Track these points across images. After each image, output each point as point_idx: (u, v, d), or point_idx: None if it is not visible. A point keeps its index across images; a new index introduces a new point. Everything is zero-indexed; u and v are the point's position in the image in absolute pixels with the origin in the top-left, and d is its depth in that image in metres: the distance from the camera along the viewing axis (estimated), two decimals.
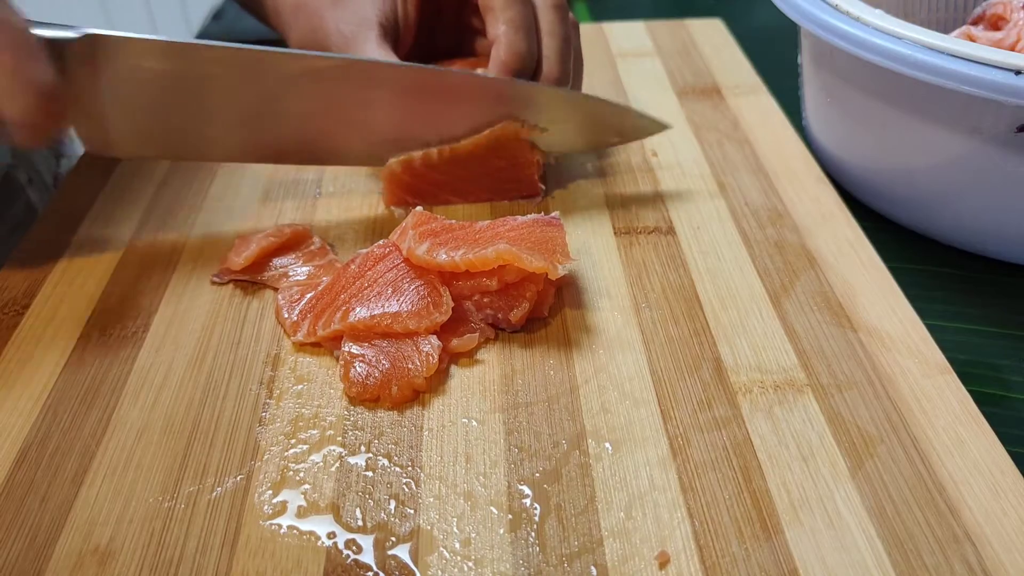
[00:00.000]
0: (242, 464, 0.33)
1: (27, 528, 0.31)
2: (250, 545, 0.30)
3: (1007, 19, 0.48)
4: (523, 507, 0.31)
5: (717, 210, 0.47)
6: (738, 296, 0.41)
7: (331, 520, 0.31)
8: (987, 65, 0.37)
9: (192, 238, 0.46)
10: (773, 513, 0.31)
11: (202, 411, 0.35)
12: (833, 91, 0.49)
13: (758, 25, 0.76)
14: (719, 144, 0.53)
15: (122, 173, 0.51)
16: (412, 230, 0.39)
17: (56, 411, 0.35)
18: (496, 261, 0.36)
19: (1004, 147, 0.40)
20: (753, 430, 0.34)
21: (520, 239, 0.38)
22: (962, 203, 0.44)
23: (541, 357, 0.38)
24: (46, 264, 0.44)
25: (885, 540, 0.30)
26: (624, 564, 0.29)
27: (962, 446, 0.33)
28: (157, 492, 0.32)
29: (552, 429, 0.34)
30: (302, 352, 0.38)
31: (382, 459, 0.33)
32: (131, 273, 0.43)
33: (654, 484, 0.32)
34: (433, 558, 0.30)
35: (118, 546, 0.30)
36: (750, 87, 0.59)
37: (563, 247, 0.38)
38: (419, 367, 0.36)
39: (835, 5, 0.44)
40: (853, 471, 0.32)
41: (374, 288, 0.38)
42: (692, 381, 0.36)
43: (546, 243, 0.38)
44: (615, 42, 0.67)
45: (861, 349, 0.37)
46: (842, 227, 0.45)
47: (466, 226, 0.39)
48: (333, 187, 0.50)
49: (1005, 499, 0.31)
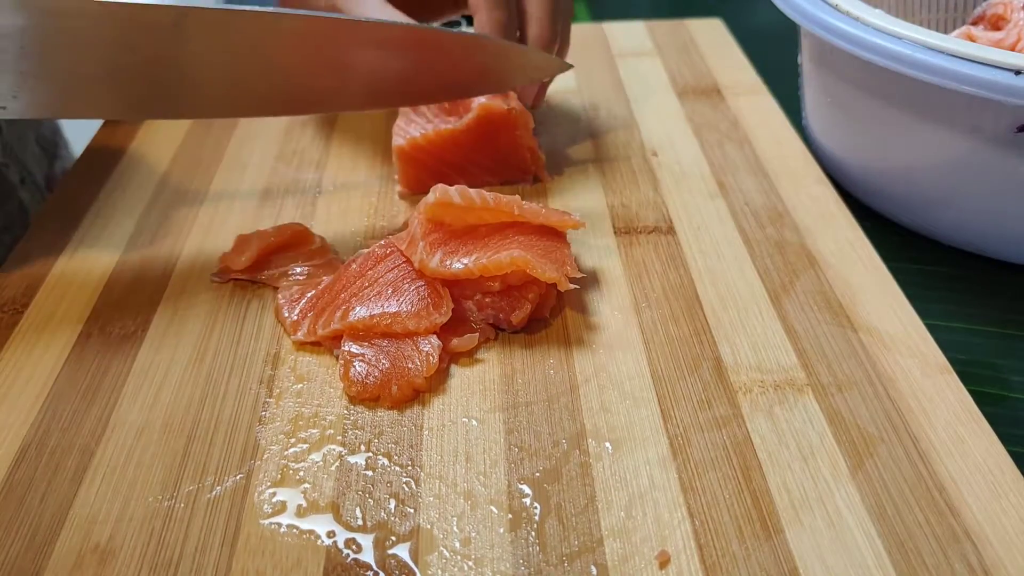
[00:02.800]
0: (242, 463, 0.33)
1: (27, 527, 0.31)
2: (250, 544, 0.30)
3: (1007, 19, 0.48)
4: (523, 506, 0.31)
5: (717, 210, 0.47)
6: (738, 296, 0.41)
7: (331, 519, 0.31)
8: (987, 65, 0.37)
9: (192, 237, 0.46)
10: (773, 512, 0.31)
11: (202, 410, 0.35)
12: (833, 91, 0.49)
13: (758, 25, 0.76)
14: (719, 144, 0.53)
15: (122, 172, 0.51)
16: (422, 240, 0.38)
17: (56, 410, 0.35)
18: (510, 267, 0.37)
19: (1004, 147, 0.40)
20: (753, 429, 0.34)
21: (530, 245, 0.38)
22: (962, 203, 0.44)
23: (541, 356, 0.38)
24: (45, 263, 0.44)
25: (885, 539, 0.30)
26: (624, 563, 0.29)
27: (962, 446, 0.33)
28: (157, 491, 0.32)
29: (552, 428, 0.34)
30: (302, 351, 0.38)
31: (382, 458, 0.33)
32: (131, 272, 0.43)
33: (654, 483, 0.32)
34: (433, 557, 0.30)
35: (118, 545, 0.30)
36: (750, 87, 0.59)
37: (571, 261, 0.39)
38: (419, 367, 0.36)
39: (835, 5, 0.44)
40: (853, 471, 0.32)
41: (374, 288, 0.38)
42: (692, 381, 0.36)
43: (554, 252, 0.38)
44: (615, 42, 0.67)
45: (861, 349, 0.37)
46: (842, 227, 0.45)
47: (473, 229, 0.39)
48: (333, 186, 0.50)
49: (1005, 499, 0.31)
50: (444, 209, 0.38)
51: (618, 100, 0.58)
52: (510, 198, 0.38)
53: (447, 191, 0.38)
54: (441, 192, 0.38)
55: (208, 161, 0.52)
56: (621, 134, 0.54)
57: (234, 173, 0.51)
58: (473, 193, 0.38)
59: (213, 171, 0.51)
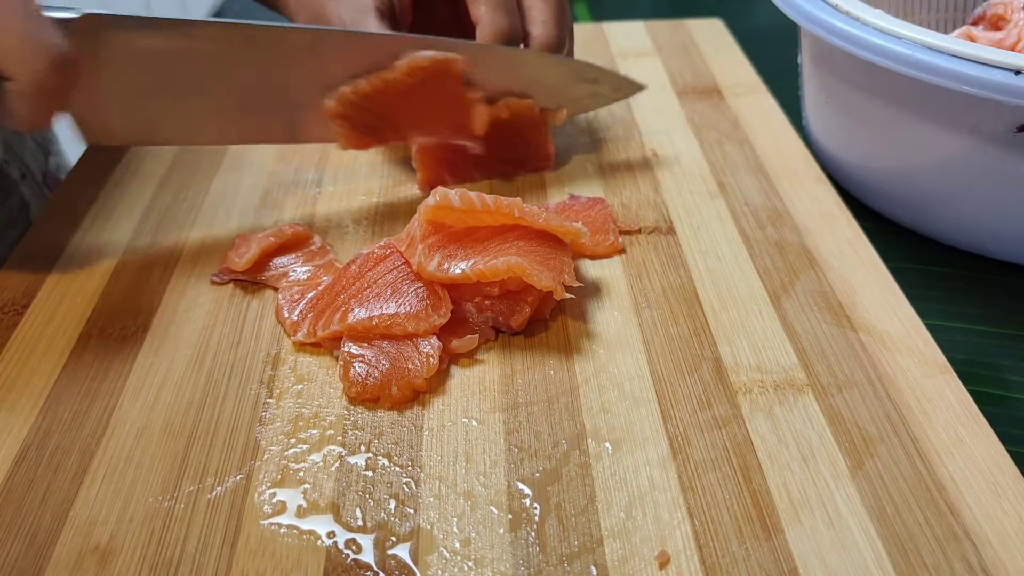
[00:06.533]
0: (242, 463, 0.33)
1: (27, 527, 0.31)
2: (250, 544, 0.30)
3: (1007, 19, 0.48)
4: (523, 507, 0.31)
5: (717, 210, 0.47)
6: (738, 296, 0.41)
7: (331, 520, 0.31)
8: (987, 65, 0.37)
9: (192, 238, 0.46)
10: (773, 513, 0.31)
11: (202, 410, 0.35)
12: (833, 91, 0.49)
13: (758, 25, 0.76)
14: (719, 144, 0.53)
15: (122, 173, 0.51)
16: (421, 243, 0.38)
17: (56, 410, 0.35)
18: (506, 273, 0.37)
19: (1004, 147, 0.40)
20: (753, 430, 0.34)
21: (529, 251, 0.38)
22: (962, 203, 0.44)
23: (541, 357, 0.38)
24: (46, 264, 0.44)
25: (885, 540, 0.30)
26: (624, 564, 0.29)
27: (962, 446, 0.33)
28: (157, 491, 0.32)
29: (552, 429, 0.34)
30: (302, 352, 0.38)
31: (382, 459, 0.33)
32: (131, 273, 0.43)
33: (654, 484, 0.32)
34: (433, 558, 0.30)
35: (118, 545, 0.30)
36: (750, 87, 0.59)
37: (571, 269, 0.38)
38: (419, 368, 0.36)
39: (835, 5, 0.44)
40: (853, 471, 0.32)
41: (373, 289, 0.38)
42: (692, 381, 0.36)
43: (553, 259, 0.38)
44: (615, 42, 0.67)
45: (861, 349, 0.37)
46: (842, 227, 0.45)
47: (473, 231, 0.39)
48: (333, 187, 0.50)
49: (1005, 499, 0.31)
50: (444, 212, 0.38)
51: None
52: (511, 201, 0.38)
53: (447, 194, 0.38)
54: (441, 195, 0.38)
55: (208, 161, 0.52)
56: (621, 134, 0.54)
57: (234, 173, 0.51)
58: (473, 196, 0.38)
59: (213, 171, 0.51)
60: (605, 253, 0.43)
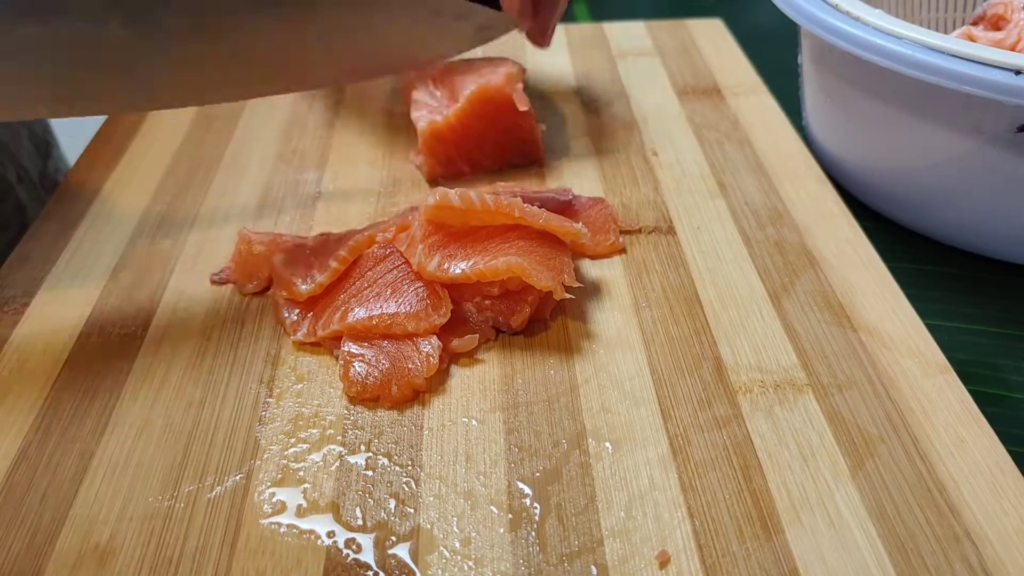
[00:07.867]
0: (242, 463, 0.33)
1: (27, 526, 0.31)
2: (250, 544, 0.30)
3: (1007, 19, 0.48)
4: (523, 506, 0.31)
5: (717, 210, 0.47)
6: (738, 296, 0.41)
7: (331, 519, 0.31)
8: (987, 65, 0.37)
9: (192, 238, 0.46)
10: (773, 513, 0.31)
11: (202, 410, 0.35)
12: (833, 91, 0.49)
13: (758, 25, 0.76)
14: (719, 144, 0.53)
15: (122, 173, 0.51)
16: (421, 243, 0.38)
17: (56, 410, 0.35)
18: (506, 273, 0.37)
19: (1004, 147, 0.40)
20: (753, 430, 0.34)
21: (529, 251, 0.38)
22: (962, 203, 0.44)
23: (541, 356, 0.38)
24: (45, 263, 0.44)
25: (885, 540, 0.30)
26: (624, 563, 0.29)
27: (962, 446, 0.33)
28: (157, 491, 0.32)
29: (552, 428, 0.34)
30: (302, 351, 0.38)
31: (382, 458, 0.33)
32: (131, 272, 0.43)
33: (654, 483, 0.32)
34: (433, 557, 0.30)
35: (118, 545, 0.30)
36: (750, 87, 0.59)
37: (571, 269, 0.38)
38: (419, 367, 0.36)
39: (835, 5, 0.44)
40: (853, 471, 0.32)
41: (373, 289, 0.38)
42: (692, 381, 0.36)
43: (553, 259, 0.38)
44: (615, 42, 0.67)
45: (861, 349, 0.37)
46: (842, 227, 0.45)
47: (474, 230, 0.39)
48: (333, 187, 0.50)
49: (1005, 499, 0.31)
50: (444, 212, 0.38)
51: (618, 100, 0.58)
52: (511, 201, 0.38)
53: (447, 194, 0.38)
54: (441, 195, 0.38)
55: (208, 161, 0.52)
56: (621, 134, 0.54)
57: (234, 173, 0.51)
58: (473, 196, 0.38)
59: (213, 171, 0.51)
60: (605, 253, 0.43)
